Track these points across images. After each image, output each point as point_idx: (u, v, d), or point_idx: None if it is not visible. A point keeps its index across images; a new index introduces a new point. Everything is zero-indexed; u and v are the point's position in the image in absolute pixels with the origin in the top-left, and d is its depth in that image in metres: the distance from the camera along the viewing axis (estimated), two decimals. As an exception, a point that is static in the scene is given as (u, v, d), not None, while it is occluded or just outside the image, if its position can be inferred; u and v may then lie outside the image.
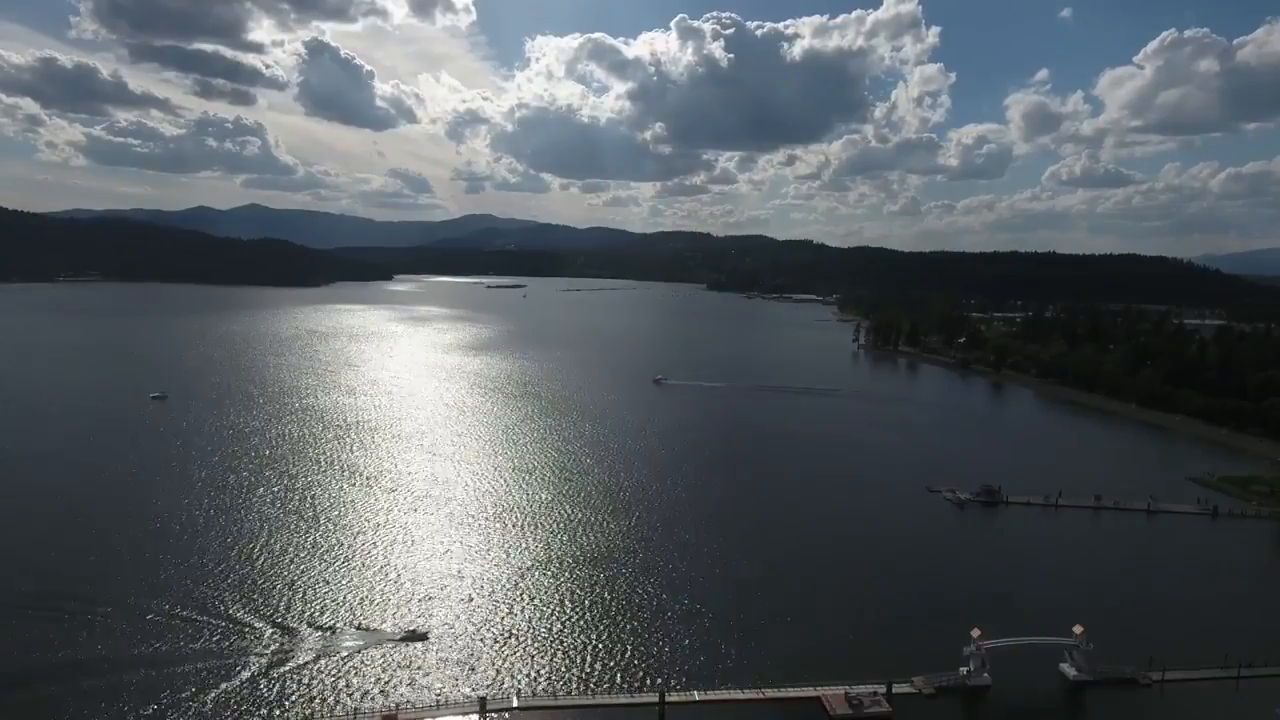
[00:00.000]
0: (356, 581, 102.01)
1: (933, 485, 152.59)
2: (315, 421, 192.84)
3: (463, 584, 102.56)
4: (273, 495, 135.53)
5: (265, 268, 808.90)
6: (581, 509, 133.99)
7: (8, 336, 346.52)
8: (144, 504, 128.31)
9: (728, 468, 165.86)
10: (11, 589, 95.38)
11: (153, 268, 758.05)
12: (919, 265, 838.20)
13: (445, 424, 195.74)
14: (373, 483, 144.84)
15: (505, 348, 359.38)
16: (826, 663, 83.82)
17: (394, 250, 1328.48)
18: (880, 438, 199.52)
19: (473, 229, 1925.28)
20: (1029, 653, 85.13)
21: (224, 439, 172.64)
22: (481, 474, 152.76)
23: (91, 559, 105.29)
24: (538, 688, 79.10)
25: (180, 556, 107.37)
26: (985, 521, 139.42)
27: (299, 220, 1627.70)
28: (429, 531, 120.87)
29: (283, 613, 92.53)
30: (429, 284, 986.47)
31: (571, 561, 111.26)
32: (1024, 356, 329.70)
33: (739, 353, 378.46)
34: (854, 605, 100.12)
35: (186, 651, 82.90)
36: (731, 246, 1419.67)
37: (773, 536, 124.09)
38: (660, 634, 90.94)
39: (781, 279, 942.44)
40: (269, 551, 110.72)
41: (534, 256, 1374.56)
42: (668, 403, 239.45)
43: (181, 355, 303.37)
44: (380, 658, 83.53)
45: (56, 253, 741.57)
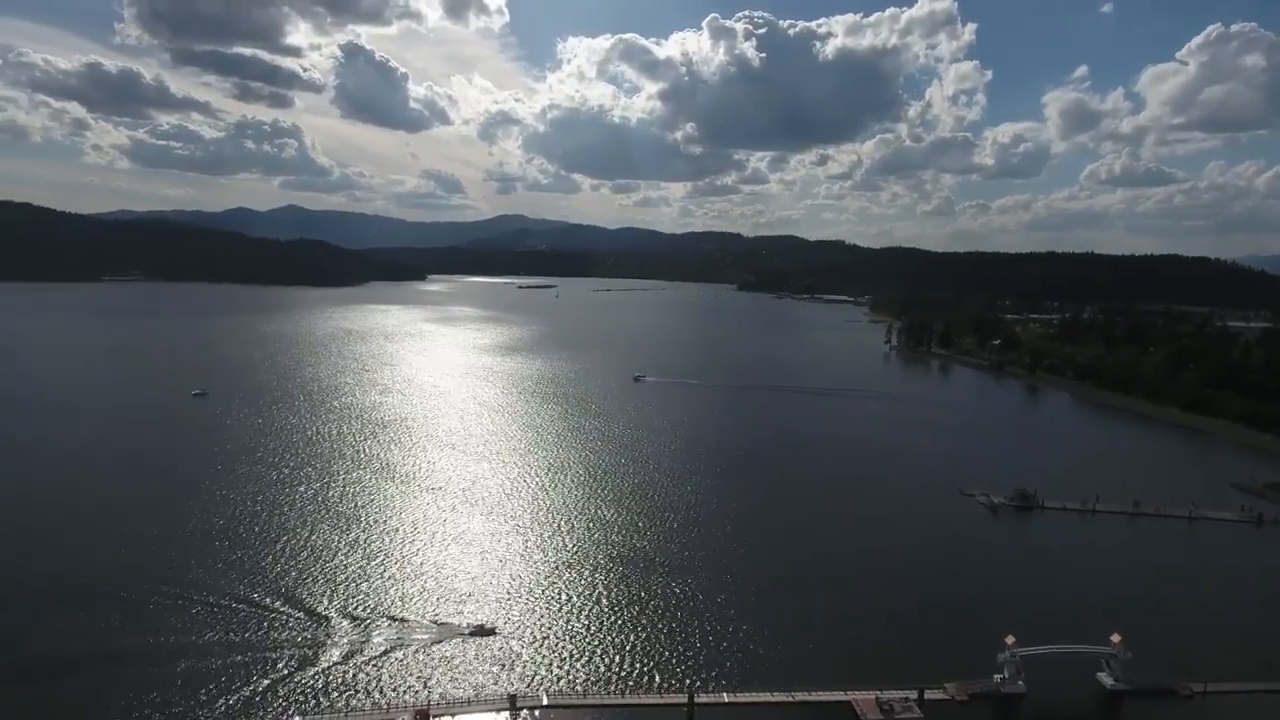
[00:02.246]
0: (392, 578, 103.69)
1: (965, 489, 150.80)
2: (352, 420, 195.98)
3: (497, 582, 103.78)
4: (312, 492, 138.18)
5: (302, 268, 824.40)
6: (613, 509, 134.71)
7: (55, 335, 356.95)
8: (187, 498, 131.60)
9: (758, 470, 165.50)
10: (60, 580, 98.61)
11: (193, 268, 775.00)
12: (952, 266, 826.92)
13: (479, 423, 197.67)
14: (408, 481, 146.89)
15: (538, 349, 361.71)
16: (857, 667, 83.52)
17: (427, 251, 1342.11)
18: (912, 440, 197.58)
19: (504, 229, 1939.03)
20: (1065, 661, 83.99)
21: (264, 436, 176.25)
22: (515, 473, 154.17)
23: (138, 551, 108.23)
24: (567, 686, 79.89)
25: (221, 550, 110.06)
26: (1019, 526, 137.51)
27: (335, 221, 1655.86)
28: (464, 530, 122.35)
29: (323, 606, 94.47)
30: (461, 284, 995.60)
31: (603, 561, 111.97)
32: (1060, 358, 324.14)
33: (769, 354, 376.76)
34: (885, 609, 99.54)
35: (224, 641, 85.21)
36: (762, 247, 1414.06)
37: (803, 538, 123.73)
38: (690, 634, 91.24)
39: (812, 279, 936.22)
40: (309, 547, 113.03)
41: (565, 257, 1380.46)
42: (698, 405, 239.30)
43: (221, 354, 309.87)
44: (413, 653, 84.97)
45: (101, 253, 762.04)
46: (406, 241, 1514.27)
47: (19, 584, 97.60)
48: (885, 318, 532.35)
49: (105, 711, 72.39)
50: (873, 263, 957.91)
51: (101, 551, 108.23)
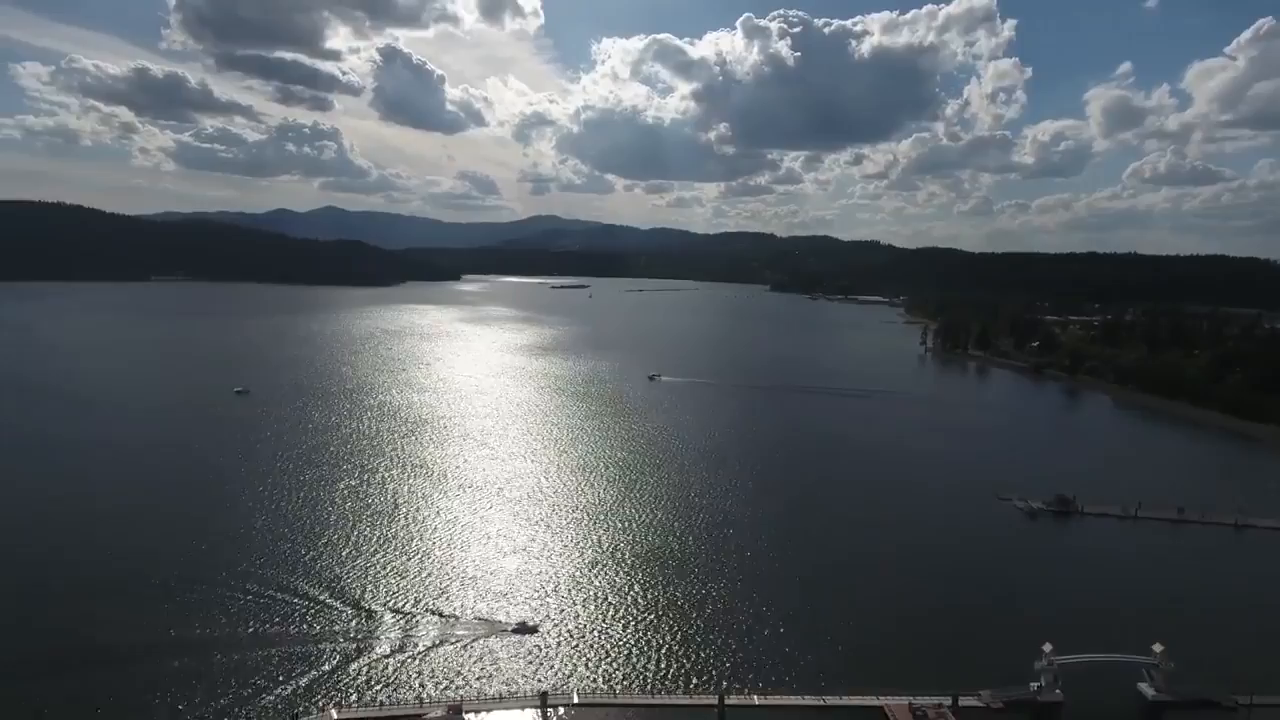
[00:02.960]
0: (428, 575, 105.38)
1: (1002, 493, 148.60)
2: (389, 418, 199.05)
3: (531, 580, 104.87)
4: (350, 488, 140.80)
5: (340, 268, 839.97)
6: (645, 509, 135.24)
7: (105, 334, 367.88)
8: (231, 493, 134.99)
9: (789, 471, 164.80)
10: (112, 571, 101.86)
11: (235, 268, 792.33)
12: (990, 266, 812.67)
13: (512, 422, 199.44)
14: (444, 479, 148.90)
15: (570, 349, 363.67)
16: (890, 672, 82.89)
17: (462, 251, 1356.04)
18: (947, 443, 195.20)
19: (538, 230, 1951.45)
20: (1105, 670, 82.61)
21: (304, 433, 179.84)
22: (548, 472, 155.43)
23: (186, 545, 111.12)
24: (598, 685, 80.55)
25: (264, 544, 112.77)
26: (1058, 532, 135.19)
27: (372, 222, 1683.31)
28: (498, 528, 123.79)
29: (361, 600, 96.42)
30: (495, 284, 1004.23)
31: (635, 561, 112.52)
32: (1101, 361, 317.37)
33: (801, 355, 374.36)
34: (919, 614, 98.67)
35: (266, 633, 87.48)
36: (795, 247, 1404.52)
37: (835, 541, 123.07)
38: (720, 635, 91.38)
39: (846, 280, 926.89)
40: (349, 542, 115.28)
41: (598, 257, 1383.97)
42: (731, 405, 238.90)
43: (262, 352, 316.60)
44: (448, 650, 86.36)
45: (148, 253, 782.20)
46: (442, 242, 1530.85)
47: (74, 574, 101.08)
48: (921, 319, 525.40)
49: (154, 700, 74.73)
50: (908, 263, 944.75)
51: (150, 544, 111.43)
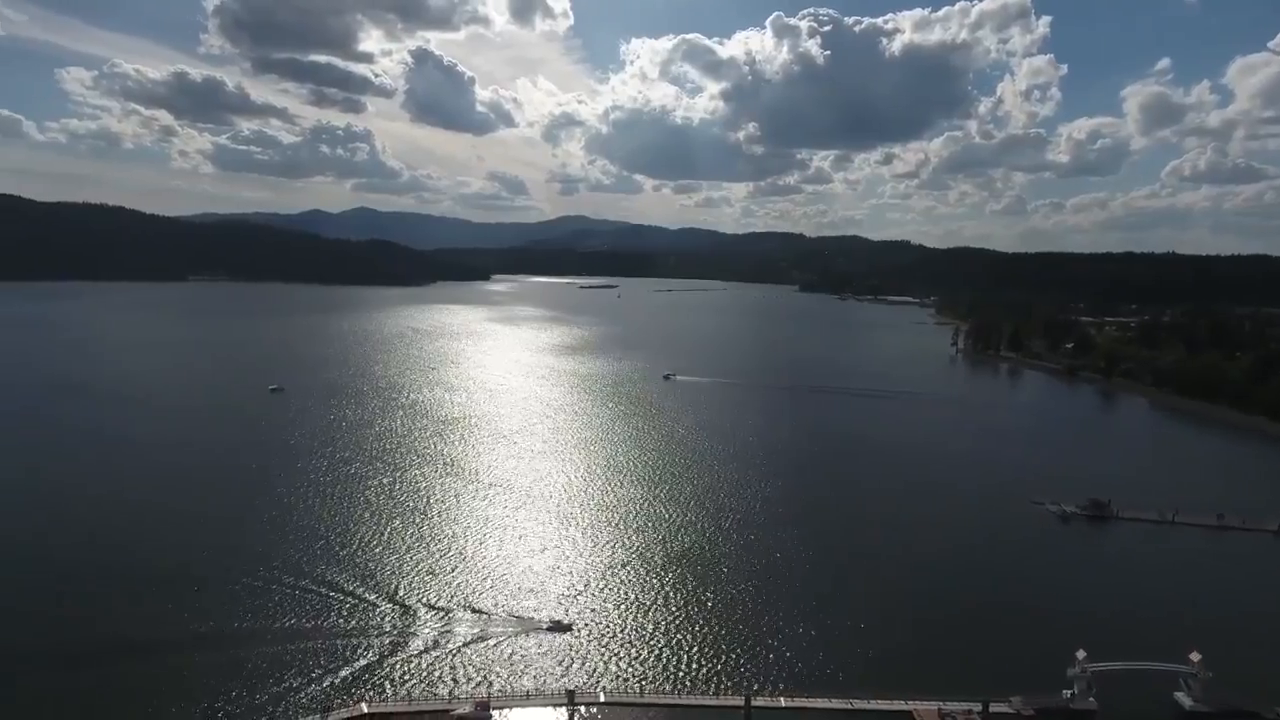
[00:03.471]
0: (458, 572, 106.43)
1: (1035, 496, 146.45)
2: (420, 416, 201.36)
3: (559, 579, 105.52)
4: (383, 486, 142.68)
5: (372, 268, 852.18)
6: (672, 508, 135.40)
7: (144, 332, 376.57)
8: (266, 490, 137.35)
9: (816, 472, 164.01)
10: (149, 566, 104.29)
11: (270, 268, 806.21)
12: (1023, 266, 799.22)
13: (542, 422, 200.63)
14: (473, 477, 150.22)
15: (599, 349, 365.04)
16: (919, 676, 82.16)
17: (491, 251, 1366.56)
18: (978, 445, 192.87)
19: (566, 230, 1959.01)
20: (1140, 678, 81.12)
21: (337, 431, 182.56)
22: (577, 471, 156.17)
23: (221, 539, 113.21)
24: (625, 683, 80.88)
25: (298, 540, 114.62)
26: (1092, 536, 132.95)
27: (403, 222, 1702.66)
28: (528, 527, 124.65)
29: (393, 596, 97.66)
30: (524, 284, 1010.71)
31: (663, 561, 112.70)
32: (1138, 363, 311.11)
33: (830, 355, 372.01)
34: (949, 617, 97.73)
35: (300, 628, 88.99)
36: (824, 247, 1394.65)
37: (865, 543, 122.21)
38: (748, 636, 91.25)
39: (876, 280, 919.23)
40: (380, 539, 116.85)
41: (626, 257, 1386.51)
42: (758, 405, 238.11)
43: (296, 351, 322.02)
44: (479, 646, 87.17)
45: (186, 254, 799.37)
46: (472, 242, 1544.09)
47: (115, 568, 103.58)
48: (951, 320, 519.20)
49: (192, 691, 76.37)
50: (939, 263, 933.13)
51: (188, 539, 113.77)
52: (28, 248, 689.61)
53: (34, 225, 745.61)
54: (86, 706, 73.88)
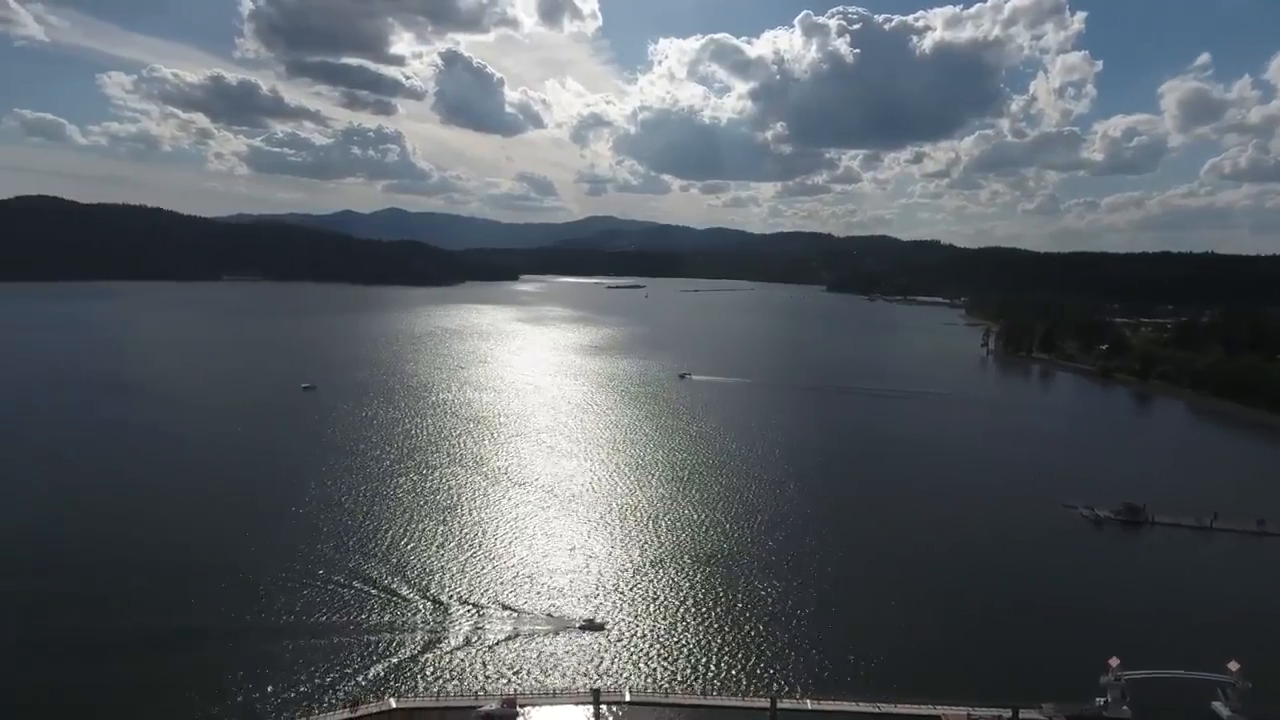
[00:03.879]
0: (488, 570, 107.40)
1: (1068, 500, 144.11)
2: (448, 415, 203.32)
3: (586, 579, 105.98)
4: (412, 484, 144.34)
5: (402, 268, 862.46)
6: (699, 509, 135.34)
7: (181, 331, 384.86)
8: (299, 486, 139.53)
9: (844, 474, 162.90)
10: (186, 559, 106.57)
11: (303, 268, 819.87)
12: (1056, 266, 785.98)
13: (569, 421, 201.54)
14: (501, 476, 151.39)
15: (628, 349, 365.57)
16: (947, 681, 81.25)
17: (519, 251, 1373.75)
18: (1009, 448, 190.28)
19: (594, 230, 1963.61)
20: (1176, 686, 79.55)
21: (367, 429, 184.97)
22: (604, 471, 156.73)
23: (256, 534, 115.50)
24: (650, 683, 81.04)
25: (330, 536, 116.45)
26: (1127, 542, 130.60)
27: (433, 222, 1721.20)
28: (555, 526, 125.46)
29: (423, 593, 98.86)
30: (552, 284, 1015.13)
31: (690, 561, 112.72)
32: (1175, 364, 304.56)
33: (857, 355, 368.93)
34: (978, 622, 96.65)
35: (331, 622, 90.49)
36: (853, 247, 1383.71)
37: (893, 546, 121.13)
38: (774, 638, 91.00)
39: (905, 280, 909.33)
40: (410, 536, 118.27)
41: (654, 257, 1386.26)
42: (785, 406, 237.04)
43: (328, 350, 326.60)
44: (507, 644, 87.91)
45: (222, 254, 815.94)
46: (500, 242, 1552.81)
47: (151, 561, 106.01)
48: (982, 320, 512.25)
49: (225, 683, 77.88)
50: (970, 263, 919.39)
51: (222, 534, 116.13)
52: (70, 248, 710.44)
53: (76, 226, 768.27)
54: (124, 694, 75.68)
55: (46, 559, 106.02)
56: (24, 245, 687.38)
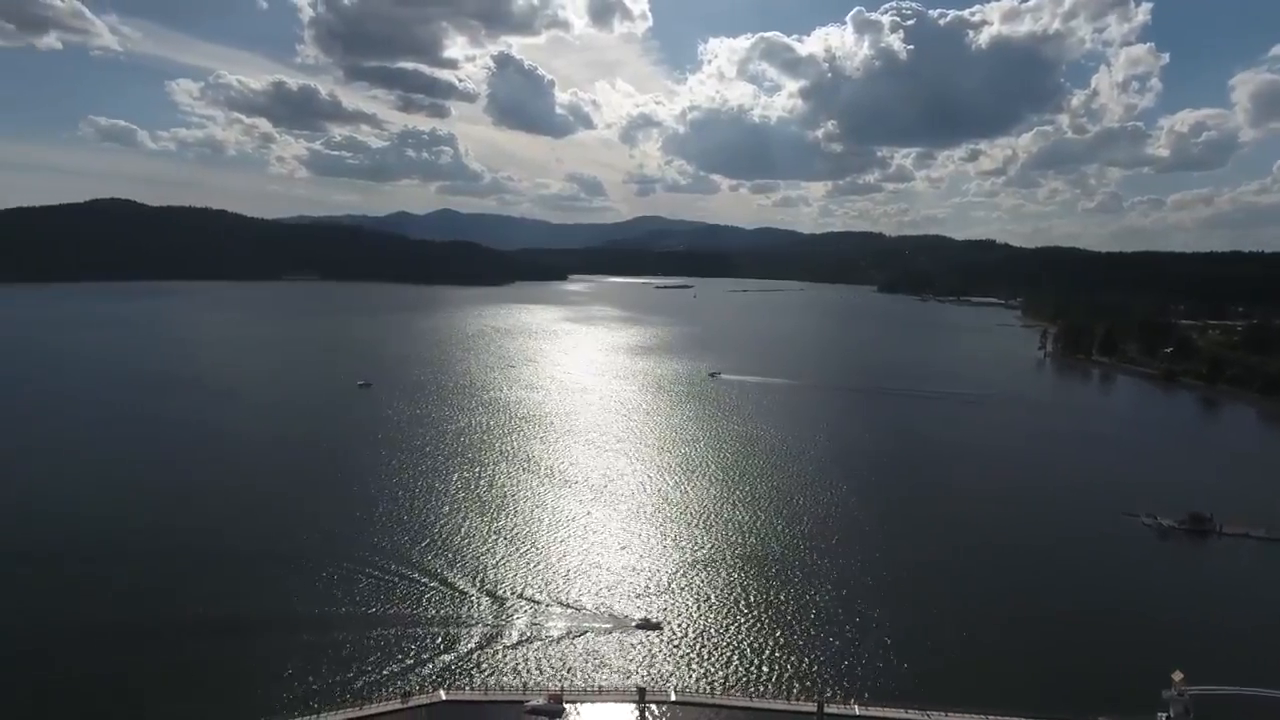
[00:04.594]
0: (537, 567, 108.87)
1: (1129, 509, 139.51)
2: (499, 413, 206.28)
3: (635, 577, 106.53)
4: (464, 481, 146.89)
5: (454, 268, 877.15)
6: (749, 510, 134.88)
7: (242, 330, 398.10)
8: (354, 481, 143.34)
9: (894, 477, 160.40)
10: (245, 551, 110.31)
11: (359, 268, 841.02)
12: (1117, 266, 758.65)
13: (616, 420, 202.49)
14: (550, 474, 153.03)
15: (676, 349, 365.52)
16: (1000, 691, 79.59)
17: (569, 251, 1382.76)
18: (1067, 453, 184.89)
19: (643, 230, 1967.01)
20: (1244, 704, 76.38)
21: (420, 426, 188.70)
22: (651, 470, 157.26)
23: (313, 527, 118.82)
24: (696, 683, 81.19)
25: (385, 529, 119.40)
26: (1192, 552, 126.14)
27: (485, 223, 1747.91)
28: (604, 524, 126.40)
29: (475, 587, 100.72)
30: (601, 284, 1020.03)
31: (738, 562, 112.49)
32: (1245, 368, 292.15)
33: (910, 357, 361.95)
34: (1032, 632, 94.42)
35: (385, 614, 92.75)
36: (905, 246, 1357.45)
37: (945, 553, 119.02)
38: (823, 642, 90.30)
39: (959, 281, 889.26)
40: (462, 532, 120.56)
41: (702, 257, 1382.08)
42: (834, 409, 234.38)
43: (383, 348, 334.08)
44: (553, 640, 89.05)
45: (282, 254, 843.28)
46: (550, 242, 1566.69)
47: (212, 552, 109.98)
48: (1039, 322, 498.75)
49: (282, 670, 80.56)
50: (1026, 263, 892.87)
51: (281, 526, 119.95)
52: (142, 249, 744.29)
53: (146, 228, 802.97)
54: (182, 679, 78.79)
55: (111, 549, 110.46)
56: (99, 246, 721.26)
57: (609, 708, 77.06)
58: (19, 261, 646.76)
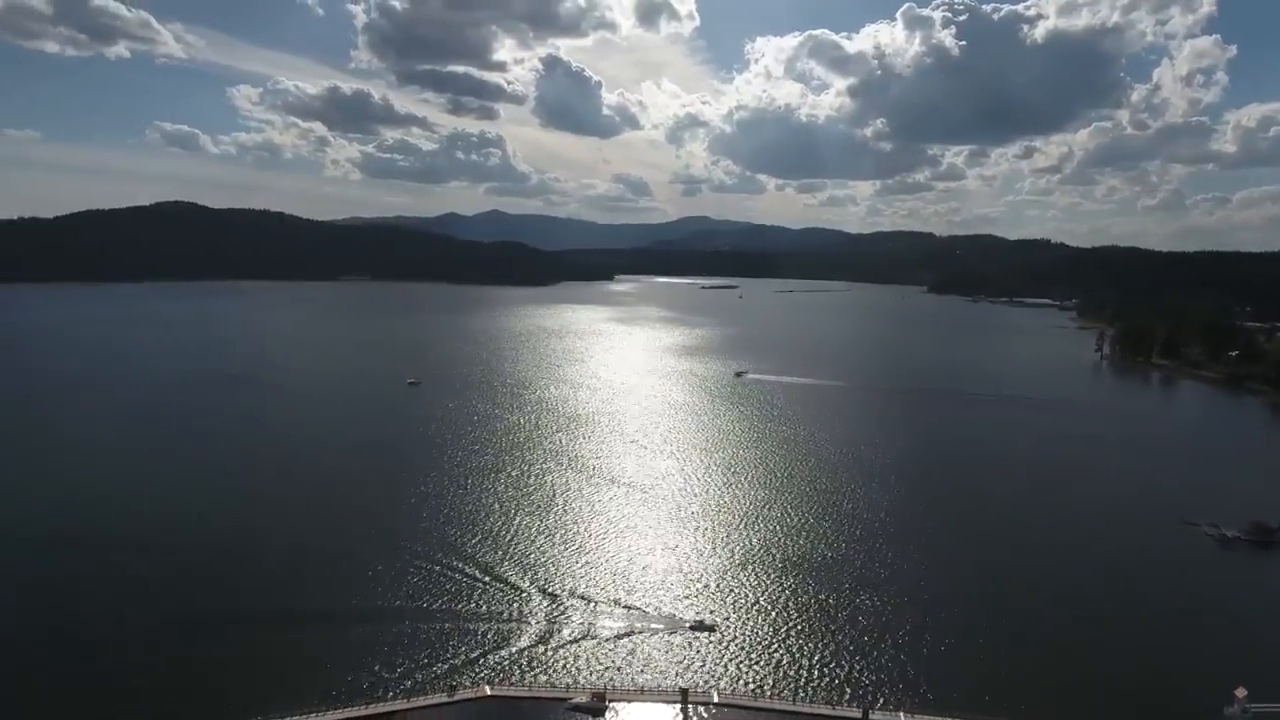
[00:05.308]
0: (585, 566, 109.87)
1: (1189, 517, 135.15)
2: (546, 412, 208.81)
3: (680, 578, 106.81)
4: (511, 479, 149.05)
5: (502, 268, 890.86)
6: (795, 512, 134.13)
7: (299, 329, 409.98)
8: (405, 477, 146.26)
9: (947, 482, 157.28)
10: (298, 544, 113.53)
11: (410, 268, 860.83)
12: (1180, 267, 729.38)
13: (662, 421, 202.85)
14: (596, 474, 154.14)
15: (723, 350, 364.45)
16: (1051, 704, 78.18)
17: (615, 252, 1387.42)
18: (1125, 460, 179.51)
19: (689, 230, 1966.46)
20: (1309, 722, 73.98)
21: (469, 424, 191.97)
22: (697, 471, 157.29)
23: (365, 522, 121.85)
24: (739, 685, 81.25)
25: (436, 525, 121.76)
26: (1256, 563, 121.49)
27: (532, 224, 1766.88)
28: (649, 524, 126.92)
29: (524, 584, 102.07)
30: (647, 284, 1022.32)
31: (785, 565, 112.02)
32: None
33: (960, 359, 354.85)
34: (1087, 643, 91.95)
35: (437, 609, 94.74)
36: (956, 246, 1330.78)
37: (996, 559, 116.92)
38: (869, 648, 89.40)
39: (1011, 281, 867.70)
40: (511, 529, 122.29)
41: (748, 258, 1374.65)
42: (883, 412, 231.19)
43: (433, 347, 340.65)
44: (598, 639, 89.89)
45: (337, 255, 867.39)
46: (596, 243, 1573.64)
47: (266, 545, 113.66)
48: (1096, 324, 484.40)
49: (334, 662, 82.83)
50: (1082, 263, 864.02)
51: (333, 520, 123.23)
52: (205, 250, 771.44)
53: (210, 230, 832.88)
54: (238, 668, 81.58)
55: (170, 540, 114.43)
56: (165, 247, 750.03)
57: (651, 708, 77.51)
58: (89, 262, 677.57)
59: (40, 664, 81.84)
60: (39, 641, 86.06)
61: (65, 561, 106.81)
